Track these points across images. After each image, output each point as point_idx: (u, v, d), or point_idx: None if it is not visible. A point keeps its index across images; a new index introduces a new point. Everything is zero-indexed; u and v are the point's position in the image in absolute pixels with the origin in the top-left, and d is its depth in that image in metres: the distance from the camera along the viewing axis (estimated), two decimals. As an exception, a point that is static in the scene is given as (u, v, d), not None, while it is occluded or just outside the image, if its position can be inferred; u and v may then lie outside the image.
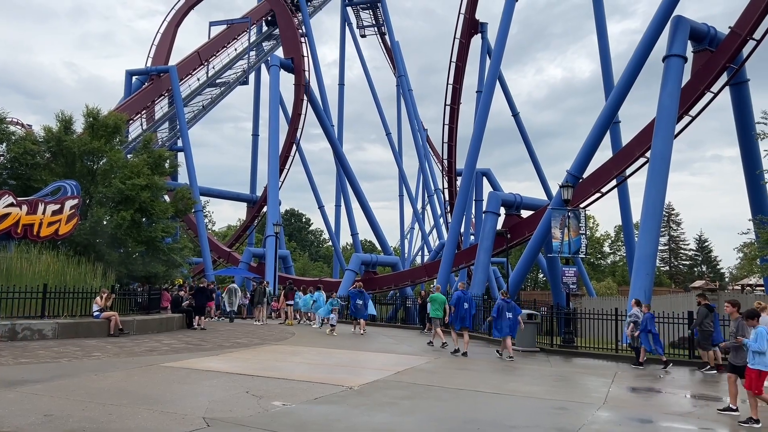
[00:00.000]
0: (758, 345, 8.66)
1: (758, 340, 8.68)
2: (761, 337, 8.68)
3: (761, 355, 8.67)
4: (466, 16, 40.25)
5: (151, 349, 14.79)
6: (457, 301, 16.80)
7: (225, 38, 50.81)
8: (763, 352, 8.65)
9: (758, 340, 8.68)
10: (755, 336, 8.74)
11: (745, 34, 24.36)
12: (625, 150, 29.31)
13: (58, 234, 19.94)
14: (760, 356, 8.69)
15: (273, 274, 35.45)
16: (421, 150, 57.85)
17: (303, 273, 69.67)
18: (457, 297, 16.89)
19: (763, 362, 8.70)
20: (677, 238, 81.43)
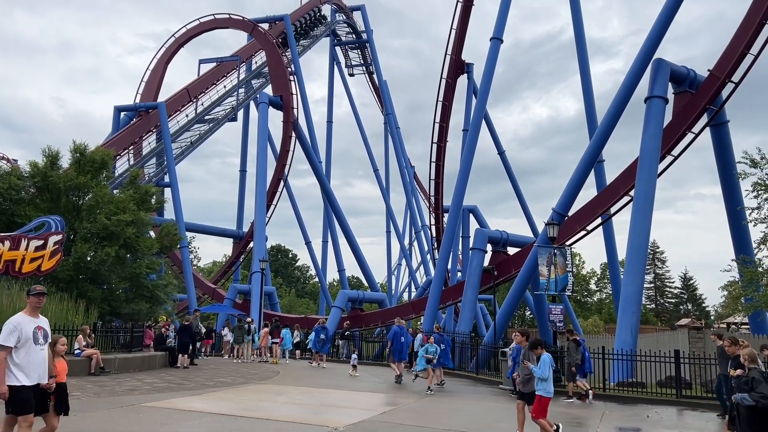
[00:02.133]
0: (541, 372, 9.12)
1: (542, 366, 9.14)
2: (544, 364, 9.14)
3: (544, 381, 9.12)
4: (453, 57, 40.98)
5: (132, 388, 14.50)
6: (393, 336, 19.21)
7: (214, 75, 51.29)
8: (545, 378, 9.10)
9: (542, 366, 9.14)
10: (540, 363, 9.18)
11: (724, 76, 24.98)
12: (610, 188, 29.66)
13: (41, 270, 19.63)
14: (543, 383, 9.14)
15: (258, 311, 35.07)
16: (409, 186, 58.21)
17: (289, 310, 68.99)
18: (394, 332, 19.38)
19: (544, 388, 9.14)
20: (662, 276, 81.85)
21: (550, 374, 9.17)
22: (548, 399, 9.22)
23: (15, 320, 6.40)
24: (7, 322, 6.40)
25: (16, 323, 6.35)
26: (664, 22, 25.15)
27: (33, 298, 6.59)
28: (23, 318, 6.46)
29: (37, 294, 6.61)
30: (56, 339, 7.47)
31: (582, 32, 37.25)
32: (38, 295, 6.61)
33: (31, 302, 6.59)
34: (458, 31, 40.35)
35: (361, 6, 64.08)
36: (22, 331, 6.32)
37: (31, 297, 6.60)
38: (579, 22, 37.40)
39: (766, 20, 24.06)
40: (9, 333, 6.26)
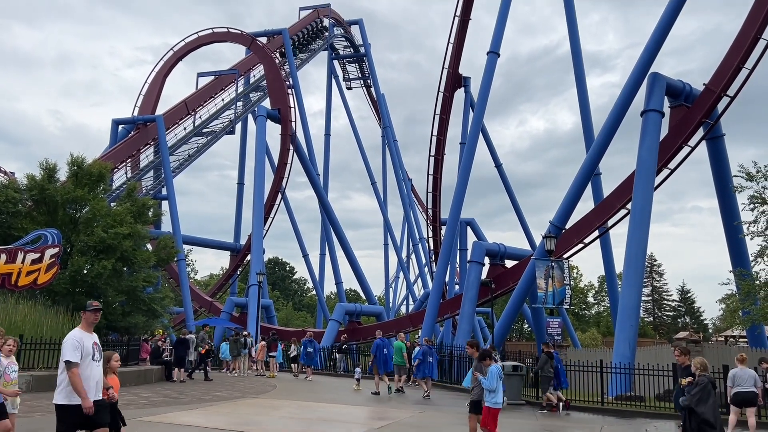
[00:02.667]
0: (489, 383, 9.23)
1: (490, 378, 9.23)
2: (492, 375, 9.24)
3: (492, 393, 9.22)
4: (450, 70, 41.21)
5: (128, 402, 14.39)
6: (376, 348, 19.59)
7: (212, 89, 51.44)
8: (493, 390, 9.21)
9: (490, 378, 9.23)
10: (488, 374, 9.29)
11: (719, 90, 25.14)
12: (607, 201, 29.73)
13: (37, 283, 19.58)
14: (491, 394, 9.24)
15: (255, 325, 34.94)
16: (406, 199, 58.27)
17: (286, 323, 68.77)
18: (377, 345, 19.78)
19: (492, 400, 9.24)
20: (660, 288, 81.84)
21: (498, 385, 9.28)
22: (497, 410, 9.32)
23: (75, 336, 6.36)
24: (68, 337, 6.36)
25: (78, 339, 6.33)
26: (660, 36, 25.35)
27: (90, 314, 6.58)
28: (82, 333, 6.43)
29: (94, 310, 6.59)
30: (110, 355, 7.45)
31: (578, 46, 37.51)
32: (95, 311, 6.59)
33: (88, 318, 6.58)
34: (455, 45, 40.59)
35: (359, 20, 64.50)
36: (83, 347, 6.31)
37: (87, 313, 6.58)
38: (575, 37, 37.67)
39: (760, 35, 24.28)
40: (74, 349, 6.23)
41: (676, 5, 24.97)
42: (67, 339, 6.34)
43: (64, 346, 6.28)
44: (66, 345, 6.27)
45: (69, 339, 6.32)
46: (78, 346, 6.25)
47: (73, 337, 6.32)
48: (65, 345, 6.28)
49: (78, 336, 6.35)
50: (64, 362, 6.21)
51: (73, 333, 6.42)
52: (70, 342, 6.27)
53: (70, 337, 6.34)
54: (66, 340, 6.33)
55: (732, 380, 12.40)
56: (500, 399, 9.33)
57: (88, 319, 6.57)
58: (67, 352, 6.21)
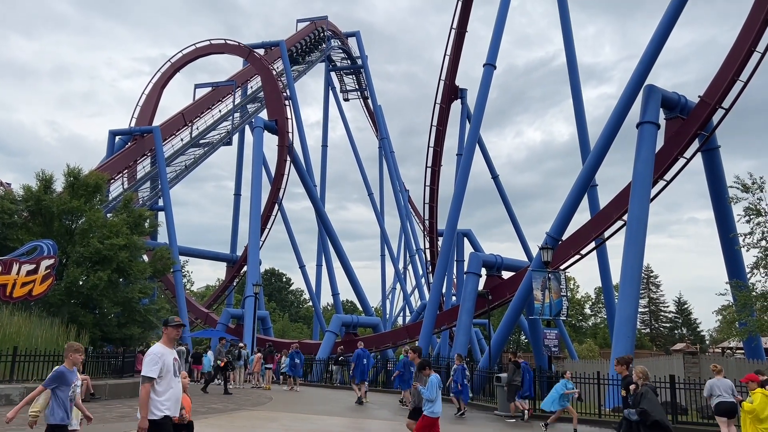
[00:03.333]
0: (428, 393, 9.33)
1: (429, 388, 9.33)
2: (431, 385, 9.33)
3: (431, 402, 9.32)
4: (446, 82, 41.39)
5: (123, 415, 14.30)
6: (356, 358, 20.46)
7: (209, 100, 51.53)
8: (432, 399, 9.30)
9: (429, 388, 9.33)
10: (428, 384, 9.38)
11: (714, 103, 25.27)
12: (603, 213, 29.76)
13: (32, 295, 19.49)
14: (429, 403, 9.34)
15: (251, 336, 34.80)
16: (403, 210, 58.29)
17: (282, 334, 68.50)
18: (357, 354, 20.82)
19: (430, 409, 9.33)
20: (657, 300, 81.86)
21: (438, 395, 9.37)
22: (433, 419, 9.36)
23: (157, 351, 6.26)
24: (149, 352, 6.28)
25: (159, 354, 6.23)
26: (656, 48, 25.52)
27: (172, 330, 6.48)
28: (163, 349, 6.33)
29: (177, 325, 6.51)
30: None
31: (574, 58, 37.73)
32: (177, 327, 6.51)
33: (170, 333, 6.49)
34: (452, 57, 40.81)
35: (356, 32, 64.84)
36: (164, 363, 6.20)
37: (170, 328, 6.48)
38: (571, 49, 37.90)
39: (754, 47, 24.45)
40: (153, 364, 6.14)
41: (672, 18, 25.16)
42: (148, 353, 6.27)
43: (145, 360, 6.20)
44: (146, 359, 6.19)
45: (150, 354, 6.25)
46: (157, 362, 6.14)
47: (153, 353, 6.24)
48: (146, 359, 6.20)
49: (159, 351, 6.25)
50: (141, 376, 6.13)
51: (155, 348, 6.33)
52: (150, 357, 6.19)
53: (150, 352, 6.26)
54: (147, 355, 6.25)
55: (709, 390, 12.62)
56: (438, 408, 9.42)
57: (170, 334, 6.47)
58: (145, 366, 6.12)
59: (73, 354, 7.23)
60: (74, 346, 7.35)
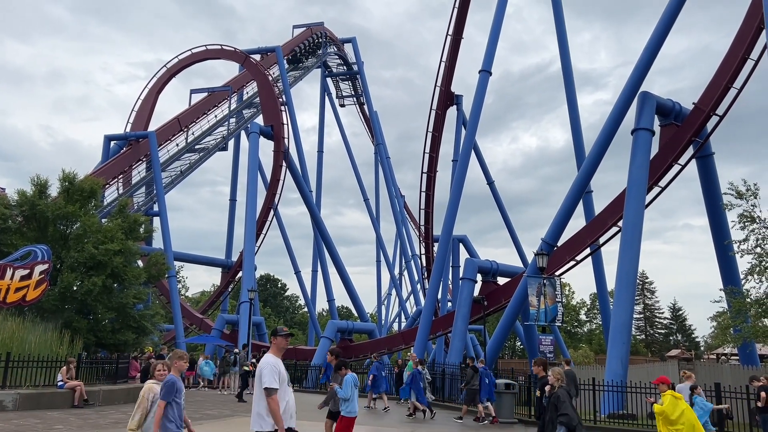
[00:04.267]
0: (344, 393, 9.42)
1: (344, 387, 9.42)
2: (346, 384, 9.41)
3: (346, 402, 9.40)
4: (442, 88, 41.47)
5: (116, 421, 14.22)
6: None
7: (205, 105, 51.54)
8: (347, 399, 9.38)
9: (344, 387, 9.42)
10: (343, 384, 9.46)
11: (708, 110, 25.40)
12: (598, 219, 29.83)
13: (26, 300, 19.41)
14: (345, 403, 9.42)
15: (246, 342, 34.66)
16: (399, 216, 58.32)
17: (277, 340, 68.18)
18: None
19: (346, 409, 9.40)
20: (652, 306, 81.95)
21: (353, 394, 9.42)
22: (351, 419, 9.41)
23: (271, 361, 6.20)
24: (265, 363, 6.20)
25: (275, 364, 6.16)
26: (650, 55, 25.62)
27: (282, 340, 6.44)
28: (276, 359, 6.27)
29: (286, 335, 6.48)
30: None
31: (569, 65, 37.87)
32: (287, 336, 6.48)
33: (280, 343, 6.44)
34: (447, 63, 40.92)
35: (352, 38, 64.96)
36: (279, 372, 6.15)
37: (279, 338, 6.44)
38: (566, 56, 38.03)
39: (748, 55, 24.62)
40: (273, 374, 6.07)
41: (667, 24, 25.28)
42: (264, 365, 6.18)
43: (263, 371, 6.11)
44: (265, 371, 6.10)
45: (267, 365, 6.16)
46: (276, 372, 6.09)
47: (270, 363, 6.16)
48: (264, 371, 6.11)
49: (273, 362, 6.19)
50: (263, 389, 6.02)
51: (269, 359, 6.24)
52: (269, 368, 6.11)
53: (267, 363, 6.17)
54: (264, 366, 6.16)
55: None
56: (354, 408, 9.47)
57: (280, 344, 6.42)
58: (267, 377, 6.04)
59: (179, 361, 7.16)
60: (179, 353, 7.32)
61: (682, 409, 9.63)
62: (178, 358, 7.14)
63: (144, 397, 7.08)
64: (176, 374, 7.03)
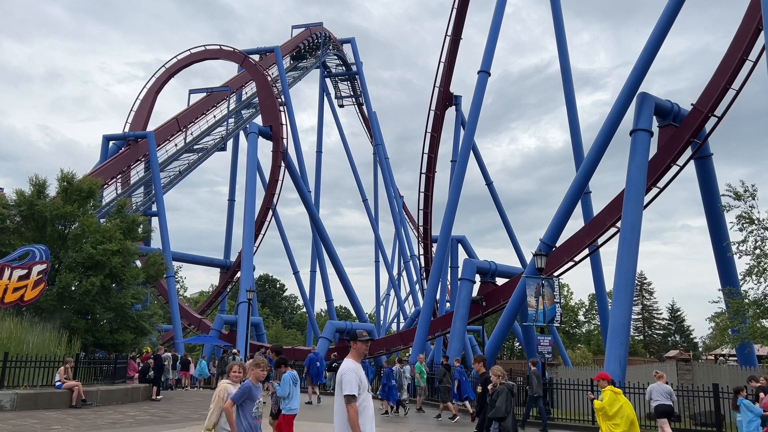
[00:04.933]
0: (282, 390, 9.48)
1: (283, 385, 9.49)
2: (284, 382, 9.48)
3: (286, 399, 9.46)
4: (441, 89, 41.48)
5: (114, 421, 14.20)
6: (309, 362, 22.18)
7: (204, 105, 51.50)
8: (287, 396, 9.43)
9: (283, 385, 9.49)
10: (282, 382, 9.51)
11: (707, 110, 25.41)
12: (597, 220, 29.84)
13: (24, 300, 19.38)
14: (285, 400, 9.48)
15: (244, 342, 34.65)
16: (397, 216, 58.31)
17: (276, 341, 68.26)
18: (310, 358, 22.51)
19: (287, 406, 9.46)
20: (650, 307, 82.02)
21: (292, 392, 9.45)
22: (291, 416, 9.47)
23: (352, 367, 6.00)
24: (346, 369, 5.98)
25: (355, 369, 5.98)
26: (649, 55, 25.63)
27: (362, 345, 6.27)
28: (356, 365, 6.07)
29: (367, 341, 6.34)
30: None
31: (568, 66, 37.86)
32: (367, 342, 6.35)
33: (359, 348, 6.26)
34: (446, 64, 40.93)
35: (351, 39, 64.94)
36: (361, 379, 5.96)
37: (359, 343, 6.26)
38: (565, 56, 38.01)
39: (746, 56, 24.63)
40: (355, 381, 5.89)
41: (665, 25, 25.30)
42: (345, 371, 5.95)
43: (345, 378, 5.89)
44: (347, 377, 5.89)
45: (348, 371, 5.94)
46: (357, 378, 5.89)
47: (352, 369, 5.96)
48: (345, 377, 5.89)
49: (354, 367, 5.98)
50: (344, 396, 5.82)
51: (350, 365, 6.04)
52: (351, 374, 5.90)
53: (348, 369, 5.96)
54: (345, 373, 5.93)
55: (649, 394, 14.03)
56: (295, 405, 9.51)
57: (360, 349, 6.25)
58: (349, 384, 5.83)
59: (256, 369, 7.18)
60: (257, 360, 7.34)
61: (621, 404, 9.87)
62: (256, 366, 7.20)
63: (219, 396, 7.06)
64: (254, 381, 7.10)
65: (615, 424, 9.30)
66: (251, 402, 6.90)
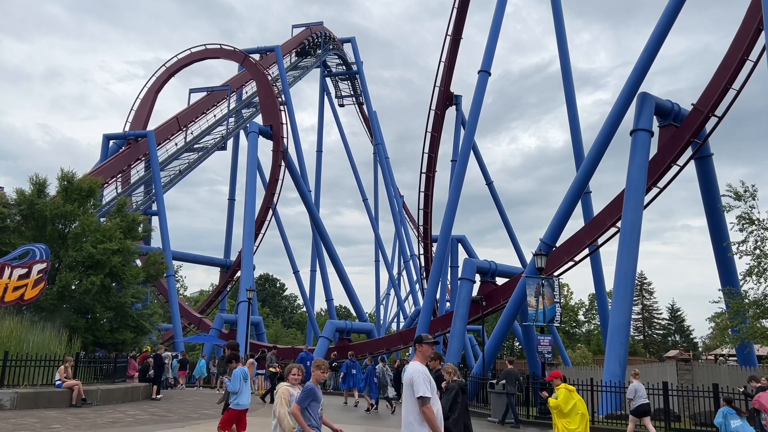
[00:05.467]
0: (232, 385, 9.52)
1: (233, 380, 9.55)
2: (235, 378, 9.53)
3: (235, 394, 9.50)
4: (441, 88, 41.47)
5: (114, 420, 14.21)
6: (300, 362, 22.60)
7: (204, 104, 51.50)
8: (236, 392, 9.47)
9: (233, 380, 9.55)
10: (232, 377, 9.56)
11: (707, 111, 25.40)
12: (597, 220, 29.83)
13: (24, 299, 19.38)
14: (234, 395, 9.52)
15: (244, 342, 34.64)
16: (398, 216, 58.30)
17: (276, 340, 68.28)
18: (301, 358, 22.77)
19: (235, 401, 9.51)
20: (650, 307, 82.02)
21: (241, 387, 9.51)
22: (236, 411, 9.52)
23: (421, 369, 6.01)
24: (416, 371, 6.00)
25: (424, 371, 5.99)
26: (650, 55, 25.61)
27: (428, 348, 6.30)
28: (424, 367, 6.09)
29: (432, 343, 6.37)
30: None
31: (568, 65, 37.83)
32: (432, 344, 6.37)
33: (426, 351, 6.31)
34: (447, 63, 40.92)
35: (351, 38, 64.92)
36: (431, 381, 5.98)
37: (425, 346, 6.29)
38: (565, 56, 37.99)
39: (747, 56, 24.62)
40: (426, 382, 5.91)
41: (666, 25, 25.28)
42: (415, 373, 5.99)
43: (415, 380, 5.94)
44: (417, 380, 5.93)
45: (418, 373, 5.98)
46: (428, 380, 5.95)
47: (421, 371, 5.98)
48: (417, 379, 5.93)
49: (423, 369, 6.03)
50: (417, 398, 5.86)
51: (419, 366, 6.07)
52: (421, 376, 5.94)
53: (418, 371, 6.00)
54: (415, 375, 5.97)
55: (634, 393, 14.28)
56: (243, 401, 9.57)
57: (426, 352, 6.29)
58: (421, 386, 5.88)
59: (317, 371, 7.20)
60: (318, 362, 7.33)
61: (575, 401, 9.97)
62: (317, 368, 7.23)
63: (284, 399, 7.13)
64: (314, 383, 7.12)
65: (569, 421, 9.37)
66: (316, 403, 6.93)
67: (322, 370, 7.22)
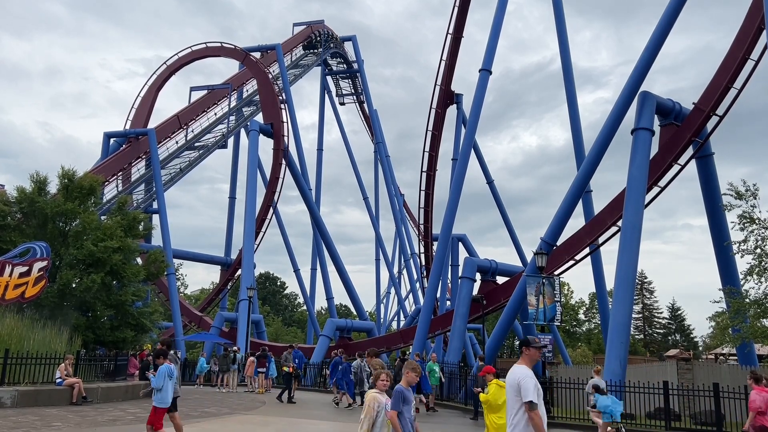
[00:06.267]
0: (156, 382, 9.42)
1: (158, 377, 9.42)
2: (159, 374, 9.41)
3: (159, 391, 9.40)
4: (442, 87, 41.43)
5: (114, 418, 14.22)
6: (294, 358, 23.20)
7: (205, 103, 51.50)
8: (160, 389, 9.36)
9: (158, 377, 9.42)
10: (157, 373, 9.45)
11: (708, 110, 25.36)
12: (598, 219, 29.81)
13: (24, 297, 19.38)
14: (158, 393, 9.42)
15: (245, 340, 34.68)
16: (398, 214, 58.29)
17: (276, 338, 68.35)
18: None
19: (159, 398, 9.41)
20: (651, 306, 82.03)
21: (166, 384, 9.43)
22: (161, 409, 9.43)
23: (528, 374, 5.86)
24: (525, 376, 5.84)
25: (532, 375, 5.85)
26: (651, 54, 25.57)
27: (535, 351, 6.16)
28: (531, 372, 5.94)
29: (540, 347, 6.20)
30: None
31: (569, 64, 37.81)
32: (540, 348, 6.20)
33: (533, 355, 6.13)
34: (448, 62, 40.87)
35: (352, 37, 64.90)
36: (537, 386, 5.86)
37: (532, 349, 6.13)
38: (566, 54, 37.96)
39: (748, 55, 24.58)
40: (536, 389, 5.80)
41: (667, 24, 25.24)
42: (525, 378, 5.85)
43: (522, 384, 5.81)
44: (524, 384, 5.80)
45: (525, 377, 5.85)
46: (537, 386, 5.82)
47: (528, 376, 5.84)
48: (526, 384, 5.80)
49: (531, 374, 5.89)
50: (525, 403, 5.75)
51: (525, 371, 5.92)
52: (530, 381, 5.82)
53: (525, 376, 5.86)
54: (525, 379, 5.84)
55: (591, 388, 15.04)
56: (165, 398, 9.49)
57: (533, 356, 6.12)
58: (528, 392, 5.76)
59: (411, 373, 7.07)
60: (412, 364, 7.20)
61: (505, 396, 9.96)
62: (411, 370, 7.11)
63: (370, 406, 6.90)
64: (405, 385, 6.99)
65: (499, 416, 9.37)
66: (408, 405, 6.81)
67: (417, 373, 7.05)
